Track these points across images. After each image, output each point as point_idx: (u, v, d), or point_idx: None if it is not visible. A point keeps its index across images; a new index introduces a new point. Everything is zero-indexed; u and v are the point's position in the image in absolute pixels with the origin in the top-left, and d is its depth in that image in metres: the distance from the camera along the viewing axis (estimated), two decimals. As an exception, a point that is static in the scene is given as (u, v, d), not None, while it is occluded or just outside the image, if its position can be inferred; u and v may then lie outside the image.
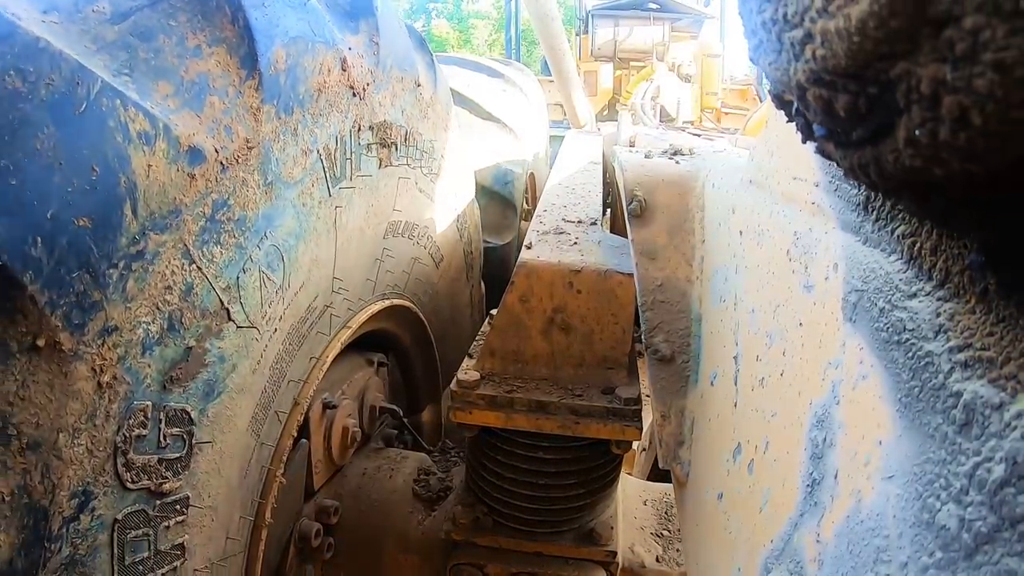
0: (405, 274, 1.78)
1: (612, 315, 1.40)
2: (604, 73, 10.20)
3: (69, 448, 0.76)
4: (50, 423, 0.74)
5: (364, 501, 1.58)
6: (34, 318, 0.71)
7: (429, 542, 1.52)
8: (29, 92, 0.70)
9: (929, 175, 0.30)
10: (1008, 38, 0.23)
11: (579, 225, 1.75)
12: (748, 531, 0.73)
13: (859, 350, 0.51)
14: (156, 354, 0.86)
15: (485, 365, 1.44)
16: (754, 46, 0.40)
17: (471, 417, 1.37)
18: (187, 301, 0.90)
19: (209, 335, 0.95)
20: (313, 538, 1.40)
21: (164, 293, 0.86)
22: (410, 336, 1.97)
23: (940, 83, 0.26)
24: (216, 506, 1.04)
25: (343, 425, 1.53)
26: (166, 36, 0.89)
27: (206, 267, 0.93)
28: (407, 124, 1.61)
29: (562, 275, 1.40)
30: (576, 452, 1.41)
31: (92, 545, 0.81)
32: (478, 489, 1.50)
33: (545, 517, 1.44)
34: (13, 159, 0.68)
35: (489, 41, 29.13)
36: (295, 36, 1.08)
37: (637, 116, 5.78)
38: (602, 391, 1.37)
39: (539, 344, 1.43)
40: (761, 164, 0.90)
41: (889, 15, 0.26)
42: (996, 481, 0.32)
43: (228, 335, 1.00)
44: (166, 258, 0.85)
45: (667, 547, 1.58)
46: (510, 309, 1.42)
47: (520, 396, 1.35)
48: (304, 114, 1.13)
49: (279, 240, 1.10)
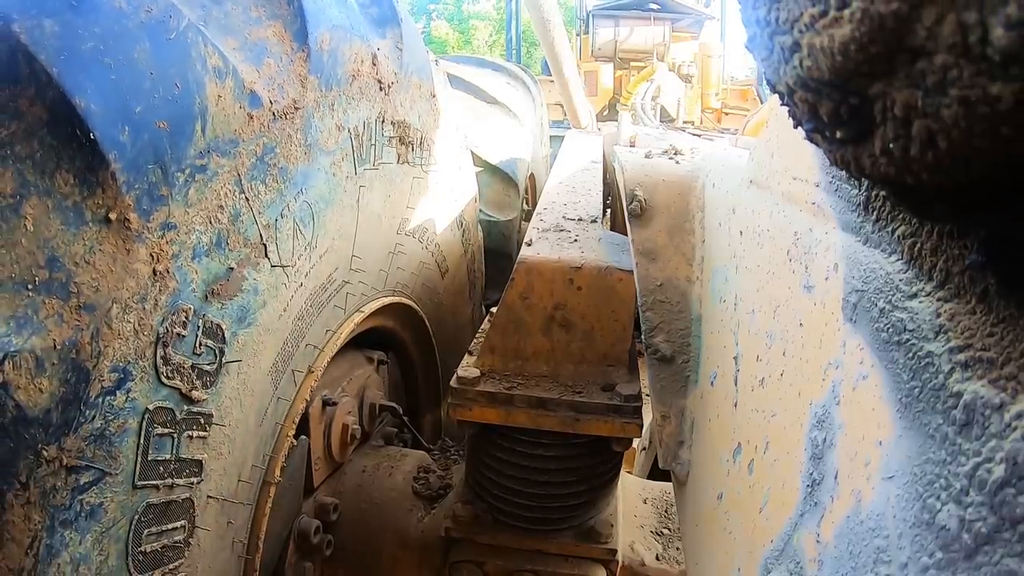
0: (414, 276, 1.81)
1: (612, 312, 1.40)
2: (605, 73, 10.21)
3: (119, 321, 0.84)
4: (107, 291, 0.82)
5: (364, 499, 1.57)
6: (111, 193, 0.81)
7: (428, 540, 1.52)
8: (131, 13, 0.85)
9: (902, 181, 0.32)
10: (973, 78, 0.25)
11: (579, 223, 1.74)
12: (748, 531, 0.73)
13: (859, 350, 0.51)
14: (203, 264, 0.96)
15: (485, 362, 1.44)
16: (749, 38, 0.41)
17: (471, 414, 1.36)
18: (234, 225, 1.00)
19: (248, 264, 1.05)
20: (312, 535, 1.40)
21: (217, 211, 0.97)
22: (414, 339, 1.97)
23: (912, 108, 0.29)
24: (234, 438, 1.08)
25: (343, 423, 1.53)
26: (234, 5, 1.04)
27: (252, 200, 1.04)
28: (422, 129, 1.69)
29: (562, 272, 1.40)
30: (576, 449, 1.40)
31: (122, 426, 0.86)
32: (478, 486, 1.50)
33: (545, 514, 1.43)
34: (115, 59, 0.82)
35: (490, 42, 29.14)
36: (337, 25, 1.22)
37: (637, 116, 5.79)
38: (602, 388, 1.37)
39: (539, 341, 1.42)
40: (761, 164, 0.90)
41: (869, 42, 0.28)
42: (996, 481, 0.32)
43: (263, 270, 1.09)
44: (222, 180, 0.97)
45: (667, 545, 1.58)
46: (510, 306, 1.42)
47: (520, 393, 1.34)
48: (340, 94, 1.26)
49: (311, 200, 1.21)
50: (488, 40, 29.69)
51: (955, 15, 0.25)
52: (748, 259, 0.90)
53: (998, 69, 0.24)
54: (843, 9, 0.29)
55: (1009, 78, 0.24)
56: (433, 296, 1.99)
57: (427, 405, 2.17)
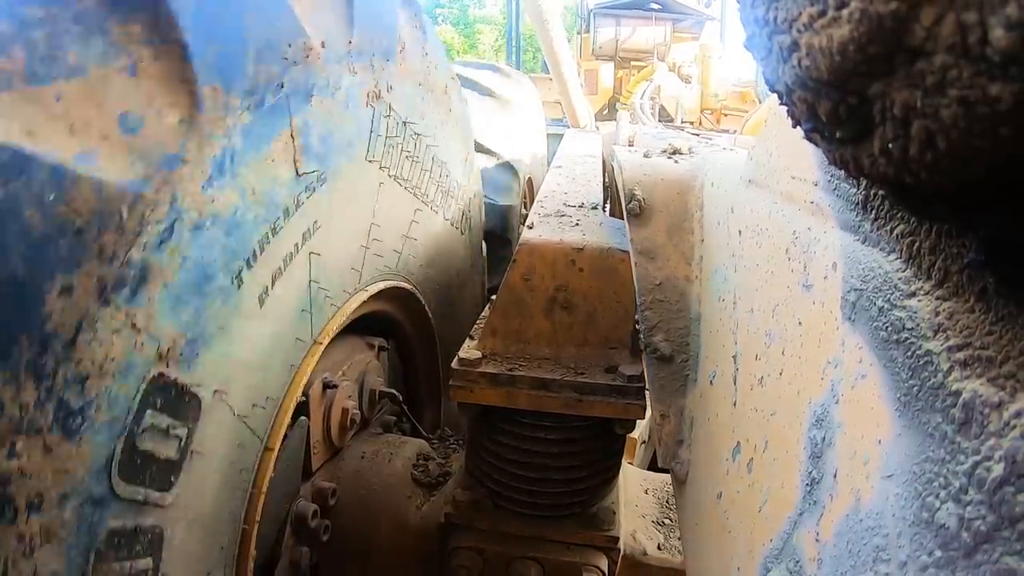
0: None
1: (614, 293, 1.38)
2: (605, 72, 10.21)
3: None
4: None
5: (362, 484, 1.55)
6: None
7: (427, 526, 1.50)
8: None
9: (901, 181, 0.32)
10: (973, 78, 0.25)
11: (580, 208, 1.73)
12: (747, 530, 0.74)
13: (858, 349, 0.51)
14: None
15: (487, 344, 1.42)
16: (748, 37, 0.41)
17: (472, 396, 1.34)
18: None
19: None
20: (310, 519, 1.38)
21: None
22: (415, 328, 1.97)
23: (911, 108, 0.28)
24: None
25: (343, 406, 1.50)
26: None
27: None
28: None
29: (564, 253, 1.38)
30: (578, 432, 1.38)
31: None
32: (478, 471, 1.47)
33: (547, 500, 1.40)
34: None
35: (495, 46, 29.11)
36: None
37: (636, 116, 5.79)
38: (605, 369, 1.35)
39: (541, 323, 1.41)
40: (760, 163, 0.90)
41: (868, 42, 0.28)
42: (995, 480, 0.32)
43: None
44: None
45: (668, 535, 1.57)
46: (512, 288, 1.40)
47: (522, 374, 1.32)
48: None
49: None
50: (494, 44, 29.68)
51: (954, 15, 0.25)
52: (747, 258, 0.90)
53: (998, 69, 0.24)
54: (841, 9, 0.29)
55: (1009, 78, 0.24)
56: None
57: (428, 395, 2.18)
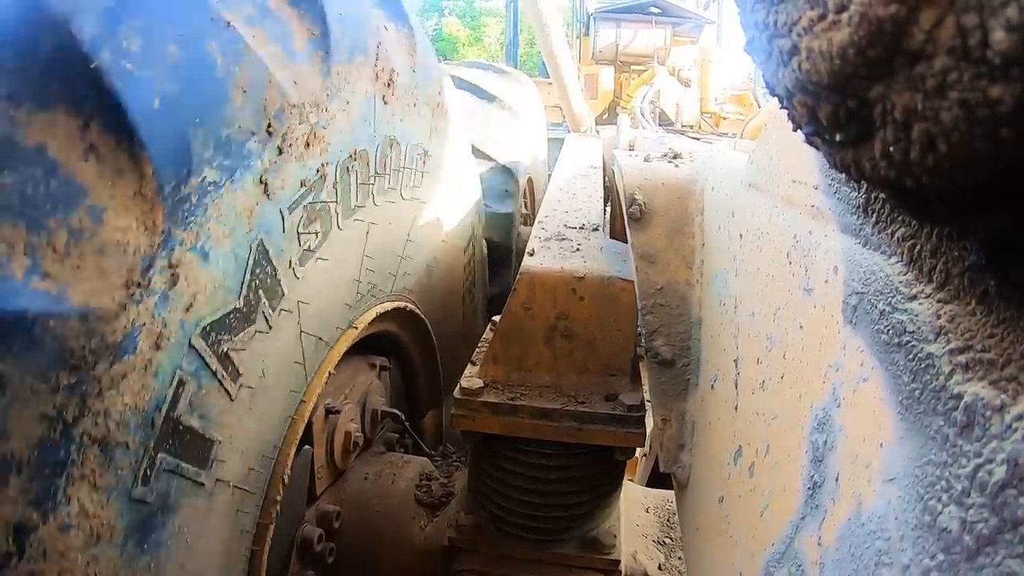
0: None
1: (615, 322, 1.39)
2: (605, 76, 10.22)
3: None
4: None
5: (366, 507, 1.56)
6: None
7: (431, 548, 1.51)
8: None
9: (902, 184, 0.32)
10: (973, 81, 0.25)
11: (581, 231, 1.74)
12: (749, 534, 0.73)
13: (859, 352, 0.51)
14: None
15: (488, 372, 1.43)
16: (748, 41, 0.41)
17: (474, 424, 1.36)
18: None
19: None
20: (315, 543, 1.39)
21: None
22: (418, 345, 1.97)
23: (911, 111, 0.28)
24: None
25: (345, 430, 1.52)
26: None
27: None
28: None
29: (565, 282, 1.39)
30: (579, 459, 1.40)
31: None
32: (481, 496, 1.49)
33: (548, 524, 1.43)
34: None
35: (501, 40, 29.13)
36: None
37: (636, 120, 5.80)
38: (605, 398, 1.36)
39: (542, 351, 1.42)
40: (760, 167, 0.90)
41: (867, 45, 0.28)
42: (997, 483, 0.32)
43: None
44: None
45: (669, 555, 1.57)
46: (513, 316, 1.42)
47: (523, 403, 1.34)
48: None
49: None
50: (499, 37, 29.64)
51: (954, 18, 0.25)
52: (748, 262, 0.90)
53: (998, 72, 0.24)
54: (841, 12, 0.29)
55: (1009, 81, 0.24)
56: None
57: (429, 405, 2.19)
